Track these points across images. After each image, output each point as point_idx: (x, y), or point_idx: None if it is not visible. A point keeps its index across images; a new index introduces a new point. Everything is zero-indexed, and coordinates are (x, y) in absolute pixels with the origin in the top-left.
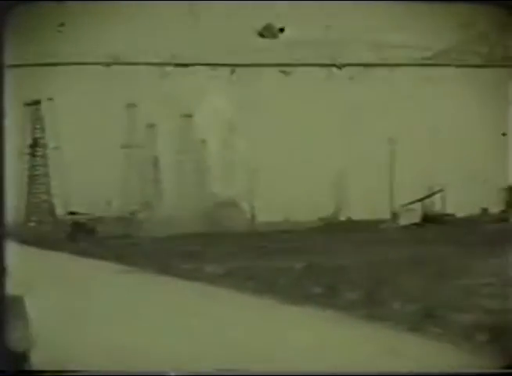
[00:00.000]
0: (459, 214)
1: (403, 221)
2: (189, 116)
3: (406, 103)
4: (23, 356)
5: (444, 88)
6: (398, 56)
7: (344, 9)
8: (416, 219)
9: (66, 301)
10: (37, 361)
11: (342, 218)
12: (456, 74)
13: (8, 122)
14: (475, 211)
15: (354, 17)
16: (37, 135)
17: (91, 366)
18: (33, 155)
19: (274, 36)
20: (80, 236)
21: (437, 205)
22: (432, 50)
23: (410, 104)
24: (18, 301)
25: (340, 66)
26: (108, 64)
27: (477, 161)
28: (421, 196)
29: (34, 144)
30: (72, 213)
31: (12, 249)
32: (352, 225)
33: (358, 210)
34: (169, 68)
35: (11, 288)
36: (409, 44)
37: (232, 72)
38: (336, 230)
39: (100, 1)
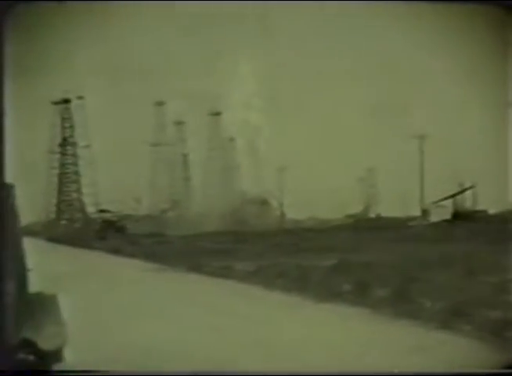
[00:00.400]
0: (491, 210)
1: (434, 218)
2: (218, 114)
3: (437, 99)
4: (56, 355)
5: None
6: None
7: None
8: (447, 216)
9: (97, 299)
10: (68, 359)
11: (371, 215)
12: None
13: (37, 121)
14: (507, 207)
15: None
16: (67, 134)
17: (121, 363)
18: (63, 154)
19: None
20: (110, 234)
21: (468, 202)
22: None
23: (440, 100)
24: (51, 299)
25: None
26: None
27: (508, 157)
28: (452, 192)
29: (64, 143)
30: (102, 211)
31: (43, 247)
32: (382, 223)
33: (388, 207)
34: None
35: (42, 286)
36: None
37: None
38: (365, 227)
39: (101, 1)
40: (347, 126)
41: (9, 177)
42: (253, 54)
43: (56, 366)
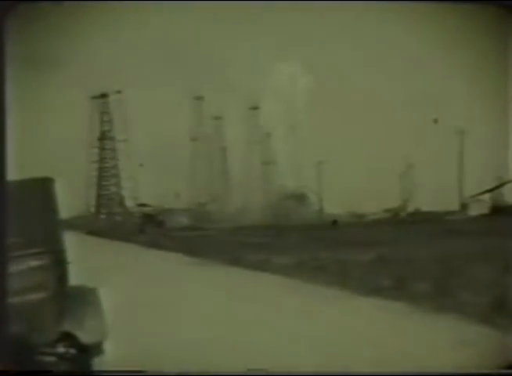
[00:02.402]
0: None
1: (472, 212)
2: (256, 108)
3: (475, 93)
4: (97, 348)
5: None
6: None
7: None
8: (486, 210)
9: (137, 293)
10: (109, 352)
11: (410, 209)
12: None
13: (75, 115)
14: None
15: None
16: (105, 128)
17: (161, 358)
18: (102, 148)
19: None
20: (149, 227)
21: (506, 196)
22: None
23: (480, 95)
24: (91, 292)
25: None
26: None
27: None
28: (490, 187)
29: (103, 137)
30: (142, 205)
31: (83, 240)
32: (420, 217)
33: (427, 201)
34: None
35: (83, 279)
36: None
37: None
38: (404, 222)
39: (101, 1)
40: (386, 120)
41: (49, 171)
42: (292, 49)
43: (97, 360)
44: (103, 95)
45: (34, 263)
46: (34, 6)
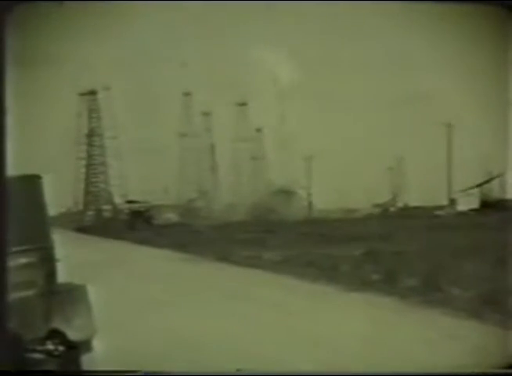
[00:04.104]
0: None
1: (461, 207)
2: (245, 104)
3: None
4: (85, 345)
5: None
6: None
7: None
8: (475, 205)
9: (126, 290)
10: (98, 349)
11: (399, 204)
12: None
13: (64, 112)
14: None
15: None
16: (94, 125)
17: (150, 354)
18: (90, 145)
19: None
20: (138, 224)
21: (495, 190)
22: None
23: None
24: (80, 289)
25: None
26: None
27: None
28: (479, 181)
29: (91, 133)
30: (130, 201)
31: (72, 238)
32: (409, 212)
33: (416, 196)
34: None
35: (71, 276)
36: None
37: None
38: (393, 216)
39: (101, 1)
40: (375, 115)
41: (37, 168)
42: (279, 44)
43: (85, 357)
44: (92, 92)
45: (22, 260)
46: (25, 5)
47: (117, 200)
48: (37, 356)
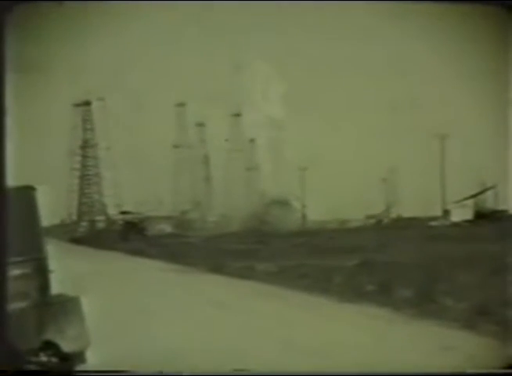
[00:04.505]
0: None
1: (455, 217)
2: (238, 115)
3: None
4: (79, 356)
5: None
6: None
7: None
8: (469, 216)
9: (119, 301)
10: (90, 361)
11: (393, 215)
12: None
13: (58, 123)
14: None
15: None
16: (88, 136)
17: (143, 364)
18: (84, 156)
19: None
20: (132, 235)
21: (489, 202)
22: None
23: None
24: (73, 301)
25: None
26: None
27: None
28: (473, 192)
29: (85, 144)
30: (124, 212)
31: (65, 249)
32: (403, 223)
33: (410, 207)
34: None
35: (65, 288)
36: None
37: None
38: (387, 227)
39: (102, 1)
40: (369, 126)
41: (31, 179)
42: (273, 54)
43: (79, 368)
44: (86, 103)
45: (15, 272)
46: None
47: (111, 211)
48: (31, 367)
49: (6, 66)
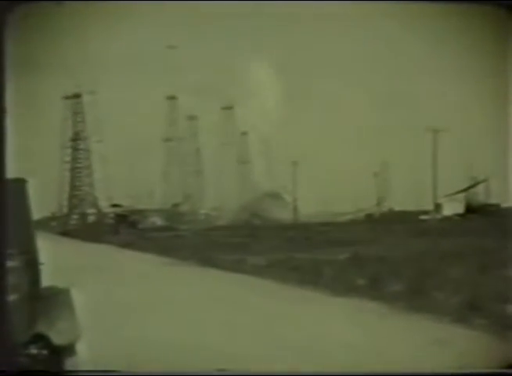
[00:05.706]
0: (504, 204)
1: (446, 211)
2: (230, 108)
3: (449, 93)
4: (69, 349)
5: None
6: None
7: None
8: (460, 210)
9: (110, 294)
10: (81, 353)
11: (384, 209)
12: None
13: (49, 116)
14: None
15: None
16: (79, 129)
17: (134, 358)
18: (75, 148)
19: None
20: (123, 228)
21: (481, 195)
22: None
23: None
24: (64, 293)
25: None
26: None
27: None
28: (465, 186)
29: (76, 137)
30: (115, 205)
31: (56, 241)
32: (395, 216)
33: (401, 201)
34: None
35: (55, 280)
36: None
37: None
38: (378, 221)
39: (102, 1)
40: (361, 120)
41: (22, 172)
42: (265, 49)
43: (69, 361)
44: (76, 96)
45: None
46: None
47: (102, 203)
48: (21, 360)
49: (6, 66)
